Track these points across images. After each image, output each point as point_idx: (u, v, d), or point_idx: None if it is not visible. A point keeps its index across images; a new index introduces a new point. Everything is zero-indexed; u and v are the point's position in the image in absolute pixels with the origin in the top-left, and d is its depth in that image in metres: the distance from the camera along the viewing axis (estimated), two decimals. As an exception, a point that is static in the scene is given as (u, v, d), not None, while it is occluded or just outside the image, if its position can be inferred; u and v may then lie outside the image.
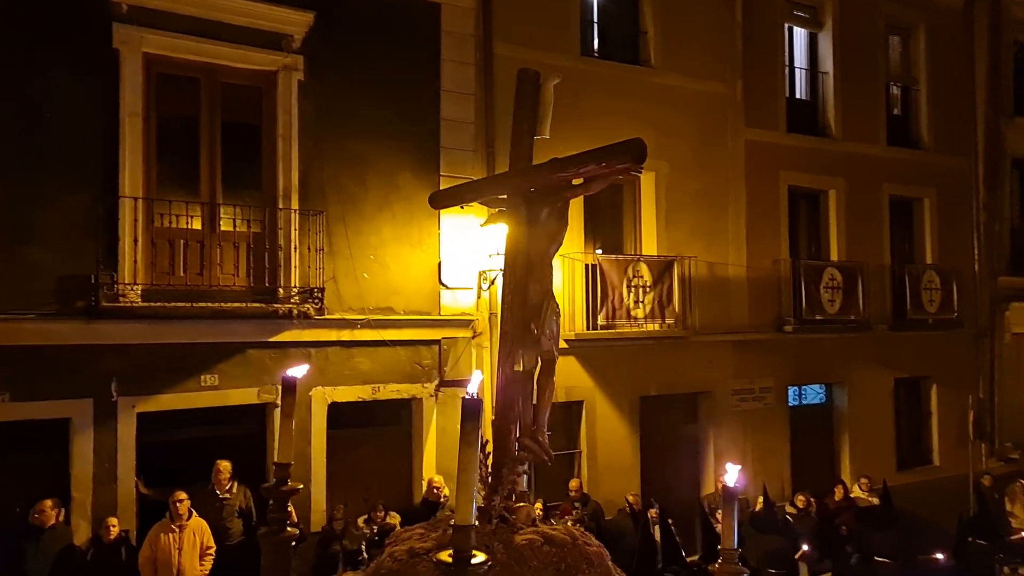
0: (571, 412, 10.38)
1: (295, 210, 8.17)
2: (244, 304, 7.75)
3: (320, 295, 8.15)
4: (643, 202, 11.14)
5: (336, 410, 8.51)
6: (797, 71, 12.97)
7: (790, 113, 12.43)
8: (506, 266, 3.99)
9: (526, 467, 3.95)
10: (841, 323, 12.33)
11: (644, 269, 10.40)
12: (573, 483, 9.63)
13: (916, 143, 14.03)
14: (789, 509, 10.93)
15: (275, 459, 3.49)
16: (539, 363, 3.89)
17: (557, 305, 3.94)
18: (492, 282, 9.35)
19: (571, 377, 10.16)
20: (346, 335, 8.48)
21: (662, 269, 10.53)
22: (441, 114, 9.18)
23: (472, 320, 9.36)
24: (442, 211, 9.20)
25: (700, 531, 9.99)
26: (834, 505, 11.09)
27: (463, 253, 9.31)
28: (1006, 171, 14.98)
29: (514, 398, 3.83)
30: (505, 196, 4.21)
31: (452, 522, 2.56)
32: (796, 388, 12.68)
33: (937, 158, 14.06)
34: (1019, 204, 15.65)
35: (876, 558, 9.32)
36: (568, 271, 10.13)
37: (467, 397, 2.54)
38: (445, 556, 2.49)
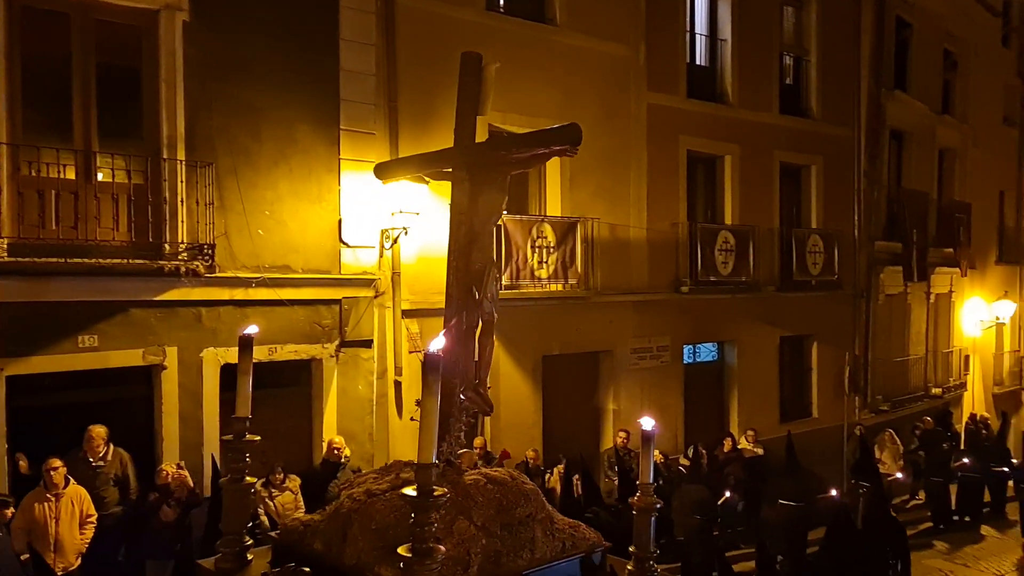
0: (475, 372, 10.41)
1: (181, 161, 7.67)
2: (125, 260, 7.24)
3: (211, 252, 7.73)
4: (548, 163, 11.13)
5: (230, 372, 8.15)
6: (697, 37, 13.22)
7: (690, 79, 12.68)
8: (451, 235, 4.33)
9: (468, 417, 4.32)
10: (733, 284, 12.87)
11: (548, 230, 10.45)
12: (477, 441, 9.67)
13: (805, 112, 14.67)
14: (683, 461, 11.46)
15: (234, 414, 3.96)
16: (480, 324, 4.24)
17: (498, 271, 4.40)
18: (395, 240, 9.16)
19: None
20: (240, 294, 8.11)
21: (565, 230, 10.63)
22: (340, 64, 8.80)
23: (374, 279, 9.16)
24: (342, 167, 8.94)
25: (616, 479, 10.34)
26: (723, 456, 11.71)
27: (365, 210, 9.05)
28: (885, 141, 15.94)
29: (458, 355, 4.18)
30: (449, 170, 4.51)
31: (415, 461, 3.04)
32: (691, 346, 13.20)
33: (824, 127, 14.77)
34: (896, 173, 16.74)
35: (781, 501, 10.07)
36: (472, 231, 10.05)
37: (429, 352, 2.98)
38: (410, 490, 2.92)
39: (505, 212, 10.54)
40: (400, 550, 2.96)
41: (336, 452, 8.49)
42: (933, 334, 17.70)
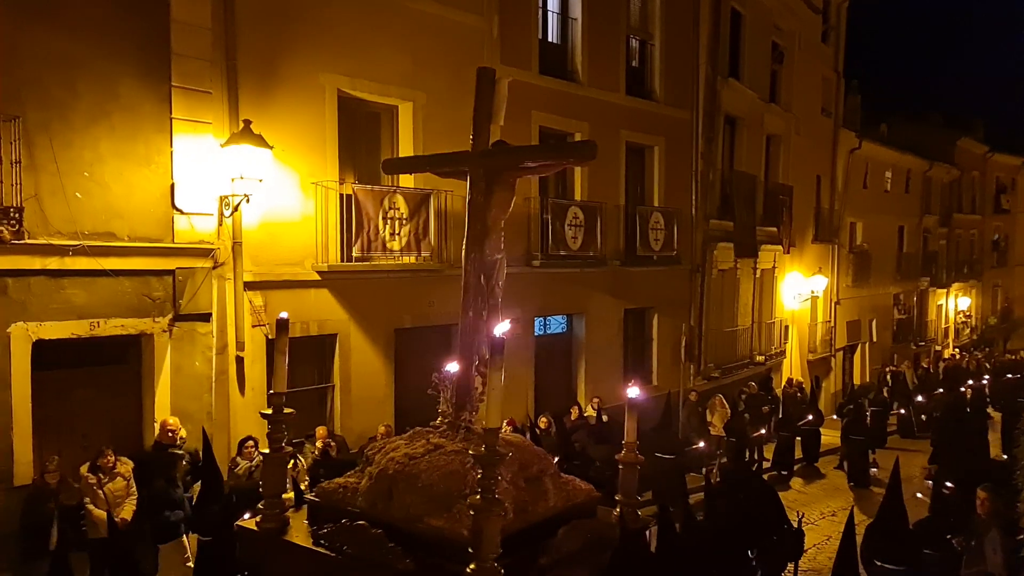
0: (324, 346, 10.11)
1: (-20, 113, 6.80)
2: (-90, 223, 6.35)
3: (18, 216, 6.93)
4: (401, 133, 10.94)
5: (44, 349, 7.41)
6: (550, 14, 13.41)
7: (542, 55, 12.85)
8: (468, 229, 4.83)
9: (483, 389, 4.74)
10: (581, 258, 13.30)
11: (401, 201, 10.27)
12: (320, 431, 9.38)
13: (649, 94, 15.32)
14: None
15: (271, 390, 4.66)
16: (488, 307, 4.84)
17: (506, 261, 4.95)
18: (235, 208, 8.64)
19: (324, 310, 9.86)
20: (54, 263, 7.34)
21: (419, 202, 10.49)
22: (171, 15, 8.11)
23: (212, 249, 8.62)
24: (175, 128, 8.28)
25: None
26: (570, 424, 12.15)
27: (201, 175, 8.47)
28: (720, 126, 17.01)
29: (474, 335, 4.80)
30: (463, 169, 5.01)
31: (483, 424, 3.78)
32: (541, 319, 13.54)
33: (666, 110, 15.52)
34: (729, 156, 17.94)
35: (656, 454, 11.01)
36: (322, 201, 9.70)
37: (496, 336, 3.71)
38: (478, 450, 3.56)
39: (355, 182, 10.31)
40: (471, 500, 3.57)
41: (171, 434, 7.96)
42: (758, 306, 19.25)
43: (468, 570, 3.62)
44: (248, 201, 8.61)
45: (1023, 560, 5.83)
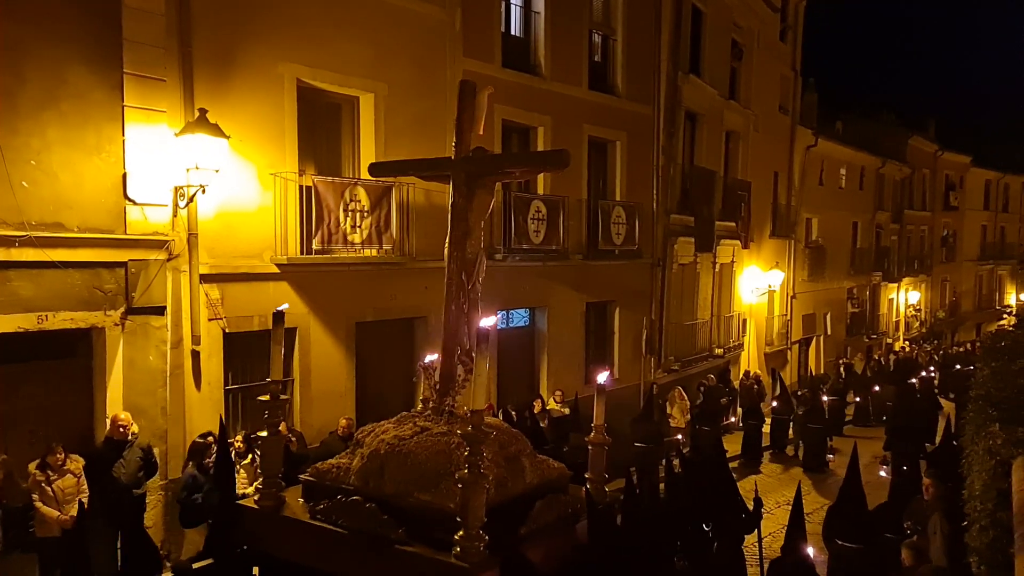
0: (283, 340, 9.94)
1: (-81, 97, 6.52)
2: None
3: (-40, 205, 6.68)
4: (362, 124, 10.82)
5: (-11, 343, 7.16)
6: (513, 7, 13.37)
7: (505, 48, 12.81)
8: (450, 230, 5.15)
9: (465, 376, 5.11)
10: (544, 252, 13.32)
11: (362, 193, 10.17)
12: (282, 427, 9.27)
13: (611, 89, 15.40)
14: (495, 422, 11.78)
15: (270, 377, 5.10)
16: (468, 301, 5.19)
17: (485, 259, 5.28)
18: (190, 199, 8.45)
19: (283, 303, 9.68)
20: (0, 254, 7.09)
21: (380, 194, 10.40)
22: (123, 0, 7.88)
23: (167, 240, 8.41)
24: (127, 116, 8.06)
25: None
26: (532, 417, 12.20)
27: (154, 165, 8.26)
28: (681, 121, 17.18)
29: (457, 327, 5.16)
30: (445, 173, 5.33)
31: (467, 408, 4.30)
32: (504, 312, 13.54)
33: (628, 105, 15.62)
34: (689, 151, 18.14)
35: (636, 444, 11.38)
36: (281, 192, 9.54)
37: (482, 327, 4.12)
38: (466, 429, 3.96)
39: (316, 174, 10.17)
40: (459, 474, 3.98)
41: (122, 429, 7.77)
42: (717, 300, 19.52)
43: (456, 537, 4.04)
44: (204, 192, 8.43)
45: (965, 545, 6.04)
